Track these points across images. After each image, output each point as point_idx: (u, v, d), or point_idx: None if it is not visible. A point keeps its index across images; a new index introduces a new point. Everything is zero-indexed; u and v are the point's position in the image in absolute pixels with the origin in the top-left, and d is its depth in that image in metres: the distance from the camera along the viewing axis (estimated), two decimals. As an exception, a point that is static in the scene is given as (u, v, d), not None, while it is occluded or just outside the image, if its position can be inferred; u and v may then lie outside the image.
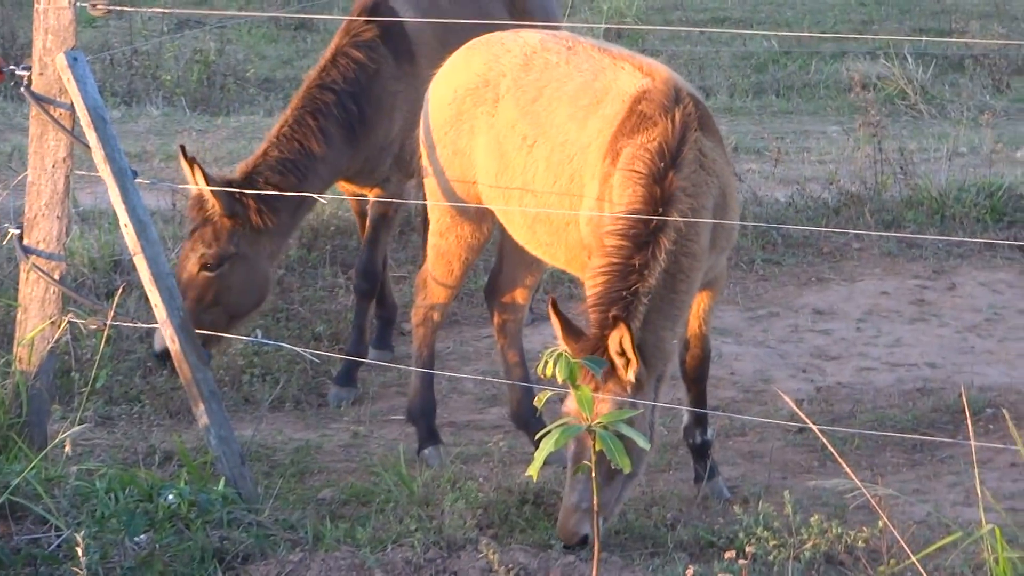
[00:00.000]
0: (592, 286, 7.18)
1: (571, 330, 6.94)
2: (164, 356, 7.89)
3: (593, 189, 7.48)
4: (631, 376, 6.86)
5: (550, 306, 6.73)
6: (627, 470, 6.64)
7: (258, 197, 8.83)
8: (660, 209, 7.10)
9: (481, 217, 8.12)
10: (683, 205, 7.16)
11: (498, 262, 8.61)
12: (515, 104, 7.83)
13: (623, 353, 6.78)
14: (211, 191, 8.64)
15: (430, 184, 8.31)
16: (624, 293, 7.03)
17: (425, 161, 8.32)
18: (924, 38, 19.45)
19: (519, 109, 7.81)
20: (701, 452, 7.85)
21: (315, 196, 9.01)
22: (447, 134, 8.09)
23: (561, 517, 6.98)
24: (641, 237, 7.06)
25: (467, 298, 10.83)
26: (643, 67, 7.69)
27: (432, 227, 8.33)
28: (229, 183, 8.73)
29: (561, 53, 7.93)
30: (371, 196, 9.64)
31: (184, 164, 8.67)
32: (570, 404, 6.60)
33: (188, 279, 8.64)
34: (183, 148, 8.83)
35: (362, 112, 9.25)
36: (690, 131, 7.31)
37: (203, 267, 8.71)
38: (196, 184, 8.64)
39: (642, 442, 6.64)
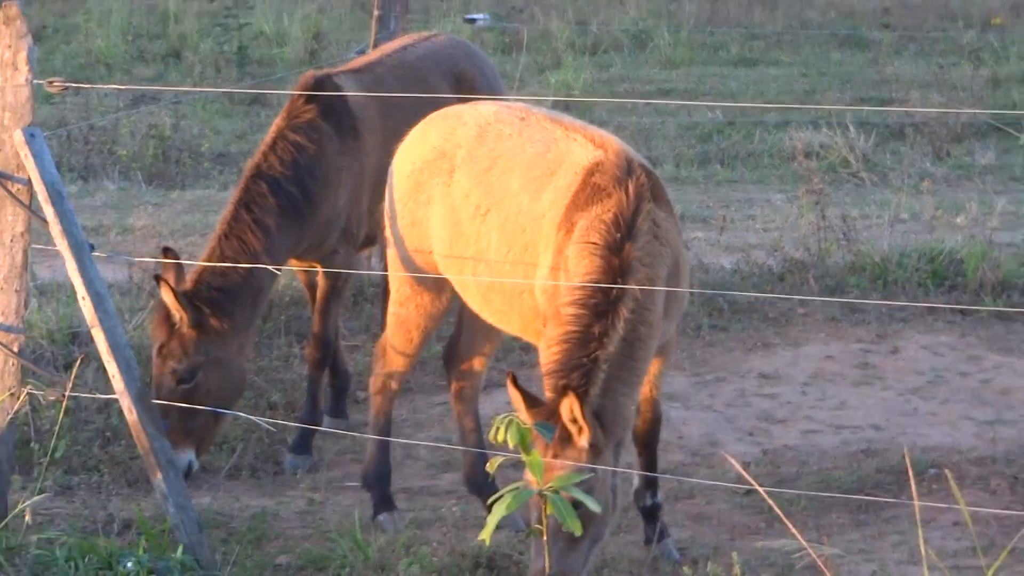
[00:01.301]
0: (551, 354, 7.13)
1: (531, 401, 6.87)
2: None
3: (547, 259, 7.46)
4: (584, 443, 6.80)
5: (509, 380, 6.68)
6: (578, 533, 6.69)
7: (212, 302, 8.86)
8: (618, 279, 7.10)
9: (440, 287, 8.14)
10: (640, 275, 7.16)
11: (456, 330, 8.67)
12: (469, 174, 7.86)
13: (575, 421, 6.74)
14: (180, 305, 8.67)
15: (391, 254, 8.34)
16: (584, 360, 7.00)
17: (388, 232, 8.35)
18: (865, 107, 19.59)
19: (473, 179, 7.84)
20: (651, 514, 7.86)
21: (272, 274, 9.05)
22: (406, 205, 8.13)
23: None
24: (600, 307, 7.04)
25: (421, 366, 10.83)
26: (595, 139, 7.72)
27: (392, 296, 8.36)
28: (184, 294, 8.74)
29: (514, 124, 7.95)
30: (320, 268, 9.66)
31: (161, 283, 8.71)
32: (528, 472, 6.61)
33: (168, 395, 8.59)
34: (167, 250, 8.97)
35: (306, 192, 9.26)
36: (644, 202, 7.34)
37: (179, 382, 8.70)
38: (169, 299, 8.64)
39: (593, 506, 6.68)
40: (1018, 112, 19.37)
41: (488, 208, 7.76)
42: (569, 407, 6.71)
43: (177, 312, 8.73)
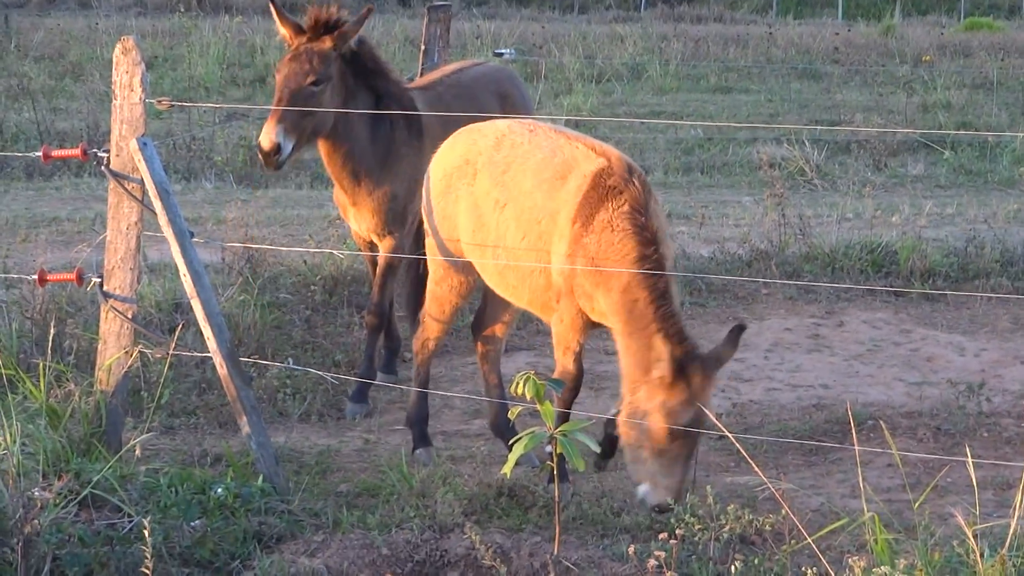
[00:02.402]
0: (655, 309, 7.32)
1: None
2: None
3: (563, 247, 7.52)
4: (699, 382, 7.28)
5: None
6: (581, 469, 6.69)
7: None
8: (656, 248, 7.32)
9: (467, 269, 8.17)
10: (664, 244, 7.45)
11: (482, 303, 8.64)
12: (489, 176, 7.91)
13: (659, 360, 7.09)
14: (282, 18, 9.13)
15: (430, 243, 8.37)
16: (673, 310, 7.37)
17: (426, 225, 8.40)
18: (818, 127, 19.52)
19: (492, 179, 7.89)
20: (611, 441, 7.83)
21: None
22: (440, 203, 8.16)
23: (676, 487, 7.17)
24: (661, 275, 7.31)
25: (456, 333, 10.80)
26: (595, 148, 7.79)
27: (430, 276, 8.39)
28: None
29: (524, 135, 8.03)
30: (381, 248, 9.65)
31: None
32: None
33: (296, 91, 8.95)
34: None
35: (389, 161, 9.41)
36: (650, 192, 7.56)
37: (314, 83, 8.93)
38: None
39: (594, 447, 6.68)
40: (943, 132, 19.36)
41: (505, 203, 7.82)
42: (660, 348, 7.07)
43: (283, 26, 9.05)
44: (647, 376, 7.24)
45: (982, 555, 5.43)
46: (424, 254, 8.67)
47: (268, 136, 8.72)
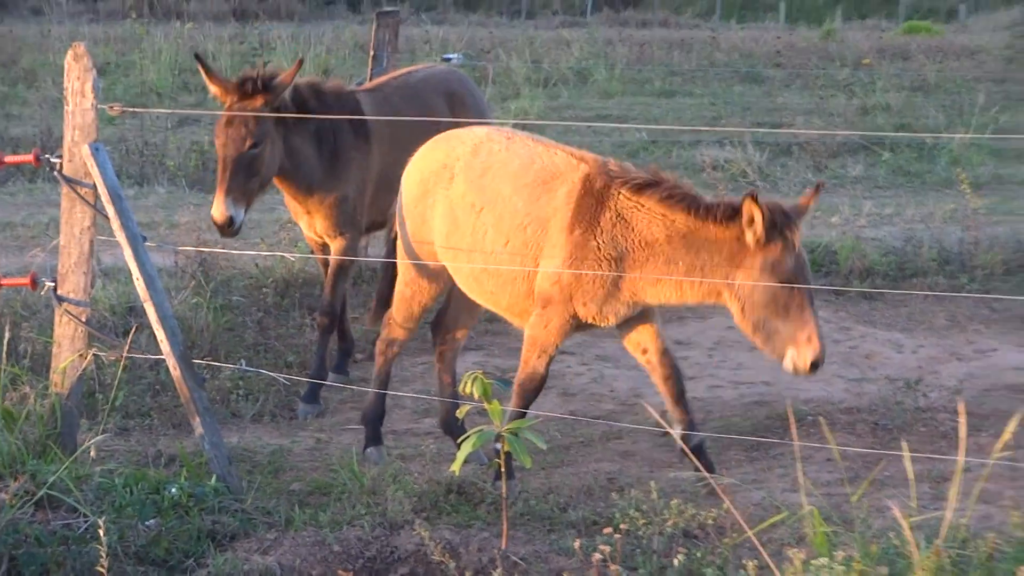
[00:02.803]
0: (705, 210, 7.55)
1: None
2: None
3: (558, 252, 7.58)
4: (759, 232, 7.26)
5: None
6: (528, 466, 6.74)
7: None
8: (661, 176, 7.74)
9: (438, 273, 8.20)
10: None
11: (445, 305, 8.65)
12: (465, 180, 7.92)
13: (752, 220, 7.21)
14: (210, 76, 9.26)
15: (400, 246, 8.38)
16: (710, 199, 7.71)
17: (398, 228, 8.39)
18: (760, 129, 19.59)
19: (468, 184, 7.90)
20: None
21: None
22: (415, 207, 8.17)
23: (816, 336, 7.44)
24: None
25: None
26: (574, 154, 7.92)
27: (399, 279, 8.37)
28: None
29: (502, 142, 8.08)
30: (332, 249, 9.68)
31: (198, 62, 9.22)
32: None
33: (237, 157, 8.95)
34: (198, 56, 9.36)
35: (339, 163, 9.46)
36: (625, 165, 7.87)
37: (252, 146, 8.91)
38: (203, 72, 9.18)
39: (540, 444, 6.72)
40: (882, 134, 19.40)
41: (482, 207, 7.83)
42: (748, 208, 7.18)
43: (212, 84, 9.11)
44: (735, 263, 7.48)
45: (918, 546, 5.49)
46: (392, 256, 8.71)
47: (219, 210, 8.78)
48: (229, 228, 8.90)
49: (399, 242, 8.43)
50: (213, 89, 8.92)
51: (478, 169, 7.95)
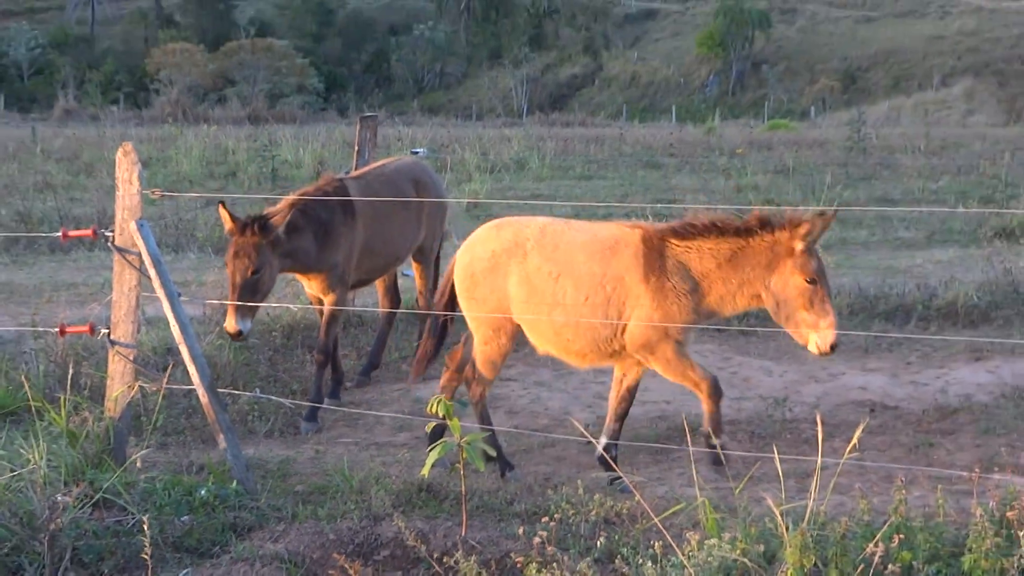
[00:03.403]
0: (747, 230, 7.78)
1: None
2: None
3: (645, 300, 7.71)
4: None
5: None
6: (481, 469, 6.69)
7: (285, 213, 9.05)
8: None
9: (509, 329, 8.09)
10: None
11: (466, 354, 8.43)
12: (540, 255, 7.89)
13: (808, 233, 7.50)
14: (229, 216, 8.83)
15: (473, 315, 8.19)
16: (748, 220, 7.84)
17: (466, 301, 8.20)
18: (659, 204, 19.62)
19: (543, 257, 7.88)
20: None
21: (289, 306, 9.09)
22: (486, 279, 8.02)
23: (834, 321, 7.61)
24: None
25: (384, 367, 10.80)
26: (626, 224, 8.12)
27: (477, 340, 8.20)
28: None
29: (562, 224, 8.15)
30: (326, 303, 9.65)
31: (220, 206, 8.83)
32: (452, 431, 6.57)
33: (243, 283, 8.80)
34: (222, 203, 8.87)
35: (328, 236, 9.36)
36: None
37: (253, 272, 8.79)
38: (224, 214, 8.80)
39: (492, 452, 6.69)
40: (752, 207, 19.46)
41: (559, 274, 7.82)
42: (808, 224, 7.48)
43: (230, 223, 8.76)
44: (768, 269, 7.72)
45: (787, 528, 5.47)
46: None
47: (231, 324, 8.68)
48: (239, 337, 8.86)
49: (469, 313, 8.24)
50: (228, 226, 8.81)
51: (549, 246, 7.93)
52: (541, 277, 7.86)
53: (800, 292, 7.56)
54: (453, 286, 8.36)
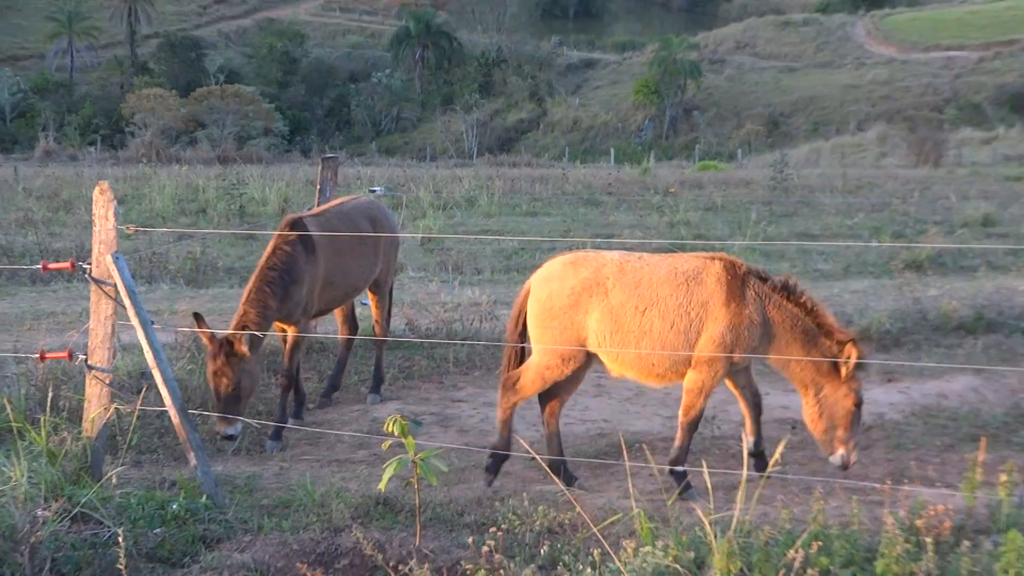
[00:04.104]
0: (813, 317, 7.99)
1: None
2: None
3: (722, 322, 7.77)
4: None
5: None
6: (434, 483, 6.69)
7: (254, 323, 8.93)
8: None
9: (576, 360, 8.07)
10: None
11: (560, 384, 8.41)
12: (622, 290, 7.87)
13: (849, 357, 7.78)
14: (209, 337, 8.77)
15: (542, 344, 8.13)
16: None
17: (541, 331, 8.12)
18: (598, 239, 19.73)
19: (627, 293, 7.86)
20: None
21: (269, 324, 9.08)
22: (565, 314, 7.96)
23: (855, 445, 7.96)
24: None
25: (344, 390, 10.78)
26: (702, 255, 8.15)
27: (540, 364, 8.12)
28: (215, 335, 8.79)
29: (637, 260, 8.12)
30: (289, 332, 9.62)
31: (196, 324, 8.73)
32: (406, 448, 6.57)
33: (225, 394, 8.72)
34: (197, 315, 8.82)
35: (291, 282, 9.27)
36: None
37: (232, 387, 8.72)
38: (204, 336, 8.79)
39: (443, 468, 6.68)
40: (684, 241, 19.60)
41: (645, 307, 7.82)
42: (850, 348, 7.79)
43: (208, 342, 8.74)
44: (826, 377, 7.93)
45: (715, 536, 5.51)
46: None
47: (222, 431, 8.71)
48: (232, 440, 8.89)
49: (538, 343, 8.17)
50: (204, 340, 8.83)
51: (631, 282, 7.90)
52: (627, 312, 7.86)
53: (847, 413, 7.84)
54: (518, 323, 8.34)
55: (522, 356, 8.41)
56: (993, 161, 44.12)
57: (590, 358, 8.12)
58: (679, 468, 8.06)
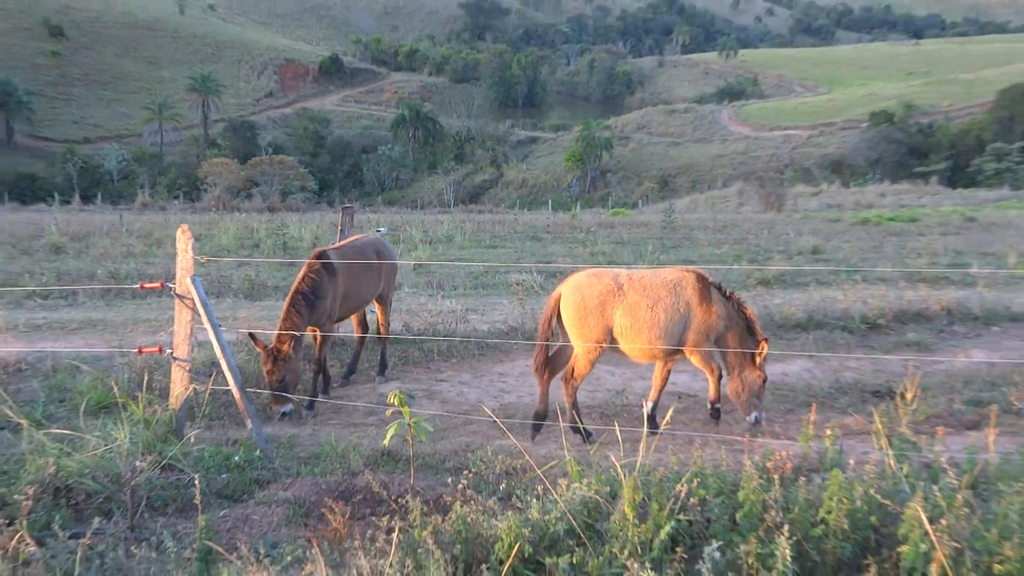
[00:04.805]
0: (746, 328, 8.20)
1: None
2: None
3: (699, 316, 7.97)
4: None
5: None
6: (424, 439, 6.63)
7: (292, 339, 8.84)
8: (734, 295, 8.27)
9: (604, 346, 8.04)
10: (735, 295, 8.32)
11: (556, 355, 8.37)
12: (635, 293, 7.93)
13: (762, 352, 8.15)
14: (262, 348, 8.80)
15: (581, 340, 8.03)
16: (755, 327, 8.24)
17: (578, 328, 8.02)
18: (540, 264, 19.68)
19: (639, 295, 7.92)
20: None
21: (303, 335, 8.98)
22: (595, 314, 7.93)
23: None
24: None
25: (359, 374, 10.70)
26: (678, 269, 8.29)
27: (581, 352, 8.05)
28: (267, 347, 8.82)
29: (641, 272, 8.20)
30: (319, 333, 9.55)
31: (252, 341, 8.74)
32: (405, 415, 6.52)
33: (276, 385, 8.74)
34: (251, 334, 8.80)
35: (316, 297, 9.20)
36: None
37: (279, 381, 8.72)
38: (259, 347, 8.79)
39: (430, 428, 6.64)
40: (600, 267, 19.57)
41: (653, 304, 7.88)
42: (763, 346, 8.13)
43: (262, 351, 8.72)
44: (747, 362, 8.14)
45: (624, 476, 5.50)
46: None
47: (277, 408, 8.75)
48: (284, 415, 8.80)
49: (578, 338, 8.07)
50: (258, 349, 8.78)
51: (639, 287, 7.95)
52: (642, 308, 7.90)
53: (759, 387, 8.16)
54: (550, 322, 8.25)
55: (547, 349, 8.36)
56: (819, 208, 44.45)
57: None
58: (718, 404, 8.50)
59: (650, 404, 8.35)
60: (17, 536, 5.15)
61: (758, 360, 8.10)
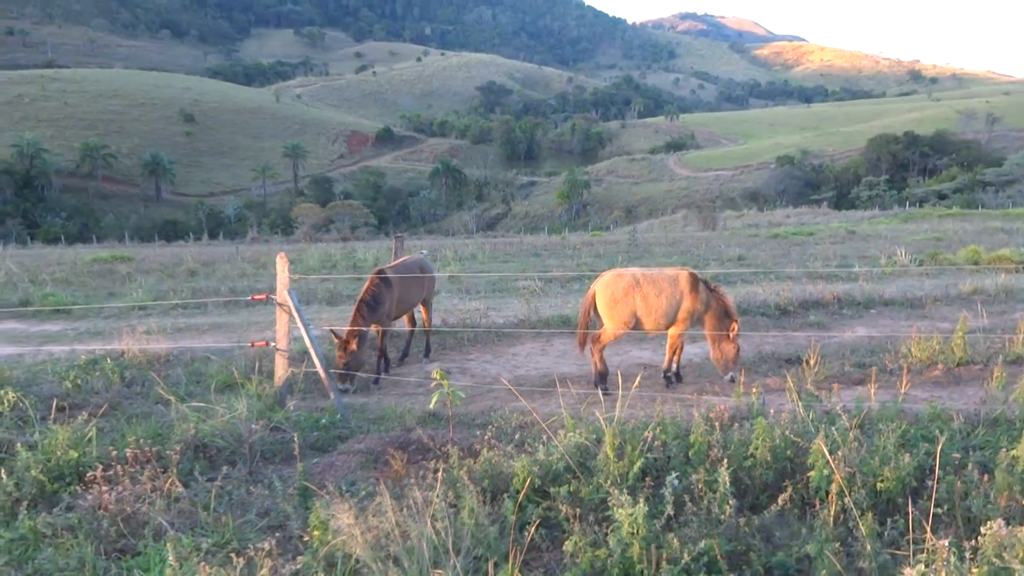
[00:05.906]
0: (724, 313, 8.05)
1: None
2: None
3: (688, 303, 7.88)
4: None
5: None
6: (459, 404, 6.58)
7: (357, 336, 8.72)
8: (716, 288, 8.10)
9: (630, 325, 7.96)
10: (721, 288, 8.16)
11: (584, 337, 8.27)
12: (647, 286, 7.87)
13: (734, 328, 8.01)
14: (339, 340, 8.61)
15: (615, 318, 7.94)
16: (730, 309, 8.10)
17: (610, 312, 7.94)
18: (544, 273, 19.48)
19: (651, 286, 7.87)
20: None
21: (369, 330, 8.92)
22: (624, 301, 7.89)
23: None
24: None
25: (410, 357, 10.61)
26: (672, 268, 8.12)
27: (610, 328, 7.98)
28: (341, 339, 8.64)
29: (648, 270, 8.08)
30: (380, 328, 9.49)
31: (335, 338, 8.60)
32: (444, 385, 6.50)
33: (344, 367, 8.53)
34: (332, 330, 8.68)
35: (378, 304, 9.16)
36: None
37: (346, 366, 8.54)
38: (336, 341, 8.61)
39: (463, 395, 6.58)
40: (582, 273, 19.43)
41: (659, 293, 7.82)
42: (734, 326, 7.99)
43: (336, 342, 8.60)
44: (724, 336, 8.00)
45: (606, 426, 5.47)
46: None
47: (341, 385, 8.46)
48: (347, 392, 8.45)
49: (609, 320, 7.97)
50: (335, 341, 8.62)
51: (651, 280, 7.90)
52: (653, 296, 7.86)
53: (734, 355, 8.07)
54: (588, 311, 8.14)
55: (587, 333, 8.26)
56: (742, 227, 44.23)
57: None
58: (670, 372, 8.28)
59: (671, 367, 8.42)
60: (170, 480, 5.26)
61: (731, 335, 8.05)
